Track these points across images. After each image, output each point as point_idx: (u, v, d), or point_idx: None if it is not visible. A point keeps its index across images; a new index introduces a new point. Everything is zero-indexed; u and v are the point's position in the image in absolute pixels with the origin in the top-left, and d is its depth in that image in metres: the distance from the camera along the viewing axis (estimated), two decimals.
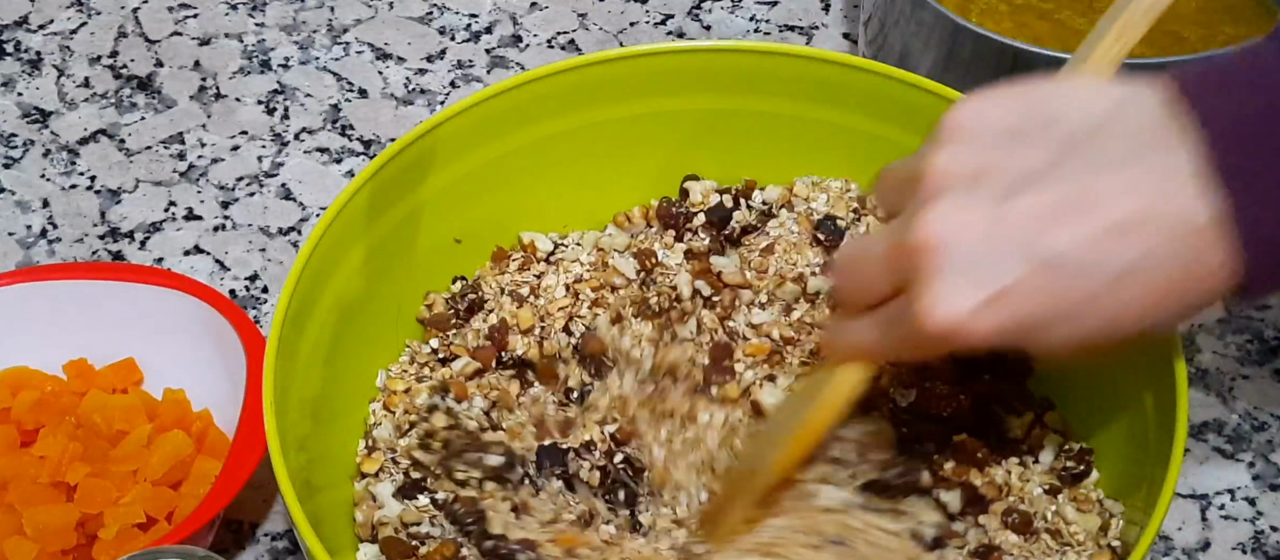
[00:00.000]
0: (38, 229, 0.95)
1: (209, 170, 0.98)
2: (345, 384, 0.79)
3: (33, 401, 0.82)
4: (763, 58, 0.83)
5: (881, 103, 0.80)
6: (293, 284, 0.73)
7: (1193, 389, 0.86)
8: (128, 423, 0.81)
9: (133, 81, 1.03)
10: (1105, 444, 0.76)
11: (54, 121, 1.01)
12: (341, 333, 0.77)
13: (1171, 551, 0.81)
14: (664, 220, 0.84)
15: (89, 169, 0.98)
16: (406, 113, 1.01)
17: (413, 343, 0.82)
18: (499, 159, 0.82)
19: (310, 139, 1.00)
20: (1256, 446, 0.85)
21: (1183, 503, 0.83)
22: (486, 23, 1.07)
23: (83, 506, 0.78)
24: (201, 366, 0.83)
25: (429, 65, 1.04)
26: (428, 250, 0.82)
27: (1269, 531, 0.82)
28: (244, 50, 1.05)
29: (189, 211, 0.96)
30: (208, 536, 0.78)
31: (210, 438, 0.82)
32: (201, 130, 1.01)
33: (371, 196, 0.78)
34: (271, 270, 0.93)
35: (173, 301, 0.83)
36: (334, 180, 0.98)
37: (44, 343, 0.84)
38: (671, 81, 0.83)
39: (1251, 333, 0.89)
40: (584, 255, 0.84)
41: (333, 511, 0.74)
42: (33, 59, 1.05)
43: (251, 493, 0.81)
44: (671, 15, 1.07)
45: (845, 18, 1.06)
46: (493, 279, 0.84)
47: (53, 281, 0.85)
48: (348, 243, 0.77)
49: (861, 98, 0.80)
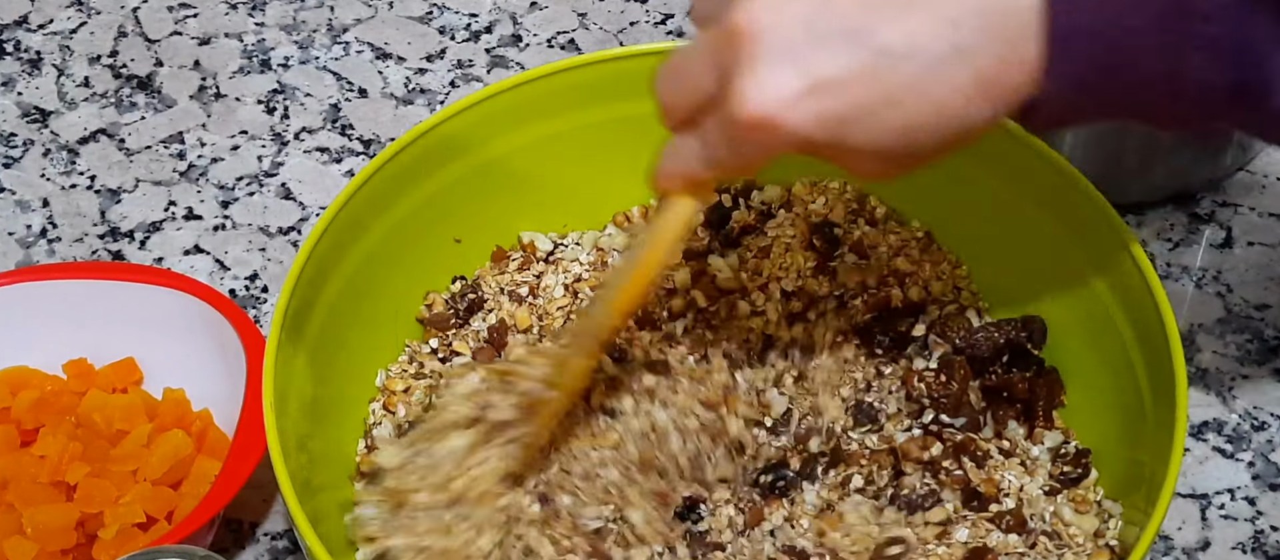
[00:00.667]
0: (38, 229, 0.95)
1: (209, 170, 0.98)
2: (345, 384, 0.79)
3: (33, 401, 0.82)
4: None
5: None
6: (293, 284, 0.73)
7: (1193, 389, 0.86)
8: (128, 422, 0.81)
9: (133, 81, 1.03)
10: (1104, 444, 0.76)
11: (54, 121, 1.01)
12: (341, 332, 0.77)
13: (1171, 551, 0.81)
14: None
15: (89, 169, 0.98)
16: (406, 113, 1.01)
17: (412, 343, 0.82)
18: (499, 159, 0.82)
19: (310, 139, 1.00)
20: (1256, 446, 0.85)
21: (1183, 503, 0.83)
22: (486, 22, 1.07)
23: (83, 506, 0.78)
24: (201, 366, 0.83)
25: (429, 65, 1.04)
26: (428, 250, 0.82)
27: (1269, 531, 0.82)
28: (244, 50, 1.05)
29: (189, 211, 0.96)
30: (208, 536, 0.78)
31: (210, 437, 0.82)
32: (201, 130, 1.01)
33: (371, 196, 0.78)
34: (271, 270, 0.93)
35: (173, 301, 0.83)
36: (334, 180, 0.98)
37: (44, 343, 0.84)
38: None
39: (1251, 333, 0.89)
40: (583, 255, 0.84)
41: (332, 511, 0.74)
42: (33, 59, 1.05)
43: (251, 493, 0.81)
44: (671, 15, 1.07)
45: None
46: (492, 279, 0.84)
47: (53, 281, 0.85)
48: (347, 243, 0.77)
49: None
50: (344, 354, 0.78)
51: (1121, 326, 0.75)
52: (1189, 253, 0.93)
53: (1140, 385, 0.73)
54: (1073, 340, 0.79)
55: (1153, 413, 0.71)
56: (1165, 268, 0.92)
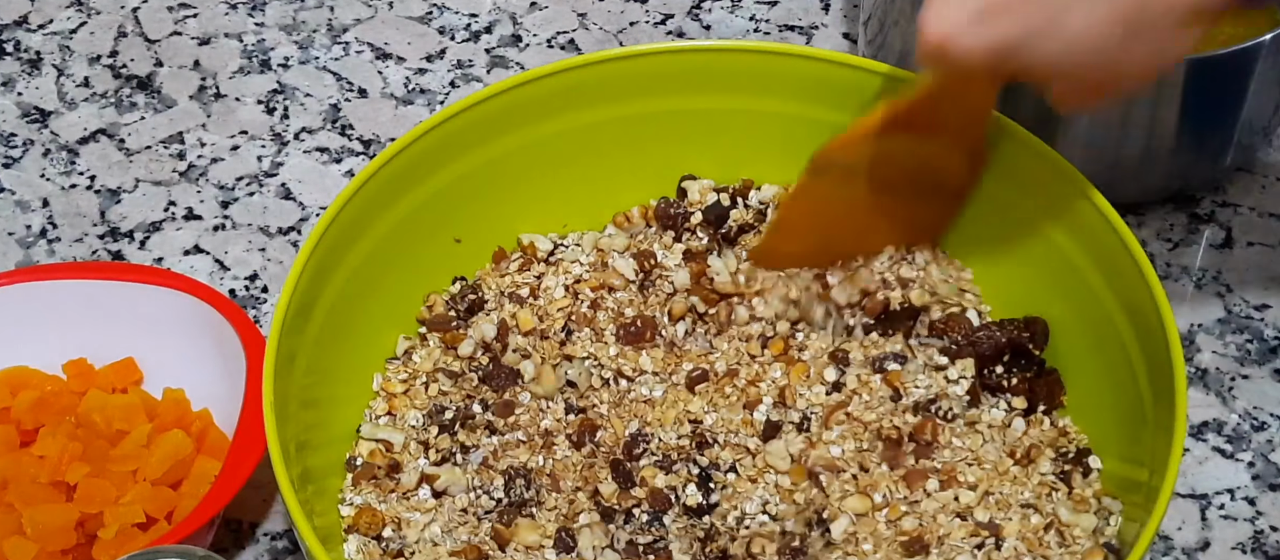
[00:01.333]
0: (38, 229, 0.95)
1: (209, 170, 0.98)
2: (345, 384, 0.79)
3: (33, 401, 0.82)
4: (762, 58, 0.83)
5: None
6: (293, 284, 0.73)
7: (1193, 389, 0.86)
8: (127, 422, 0.81)
9: (133, 81, 1.03)
10: (1104, 444, 0.76)
11: (54, 121, 1.01)
12: (342, 333, 0.77)
13: (1171, 551, 0.81)
14: (662, 220, 0.84)
15: (89, 169, 0.98)
16: (406, 113, 1.01)
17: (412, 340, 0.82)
18: (499, 159, 0.82)
19: (310, 139, 1.00)
20: (1256, 446, 0.85)
21: (1183, 503, 0.83)
22: (486, 23, 1.07)
23: (83, 506, 0.78)
24: (201, 366, 0.83)
25: (429, 65, 1.04)
26: (428, 250, 0.82)
27: (1269, 531, 0.82)
28: (244, 50, 1.05)
29: (189, 211, 0.96)
30: (207, 536, 0.78)
31: (210, 437, 0.82)
32: (201, 130, 1.01)
33: (371, 196, 0.78)
34: (271, 270, 0.93)
35: (173, 301, 0.83)
36: (334, 180, 0.98)
37: (44, 343, 0.84)
38: (671, 81, 0.83)
39: (1251, 333, 0.89)
40: (583, 256, 0.84)
41: (332, 511, 0.74)
42: (33, 59, 1.05)
43: (251, 493, 0.81)
44: (671, 15, 1.07)
45: (845, 18, 1.06)
46: (492, 280, 0.84)
47: (53, 281, 0.85)
48: (347, 243, 0.77)
49: (861, 98, 0.80)
50: (344, 354, 0.78)
51: (1121, 326, 0.75)
52: (1189, 253, 0.93)
53: (1140, 385, 0.73)
54: (1073, 340, 0.79)
55: (1153, 413, 0.71)
56: (1165, 268, 0.92)
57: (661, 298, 0.81)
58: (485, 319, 0.81)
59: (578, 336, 0.80)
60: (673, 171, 0.86)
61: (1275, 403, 0.87)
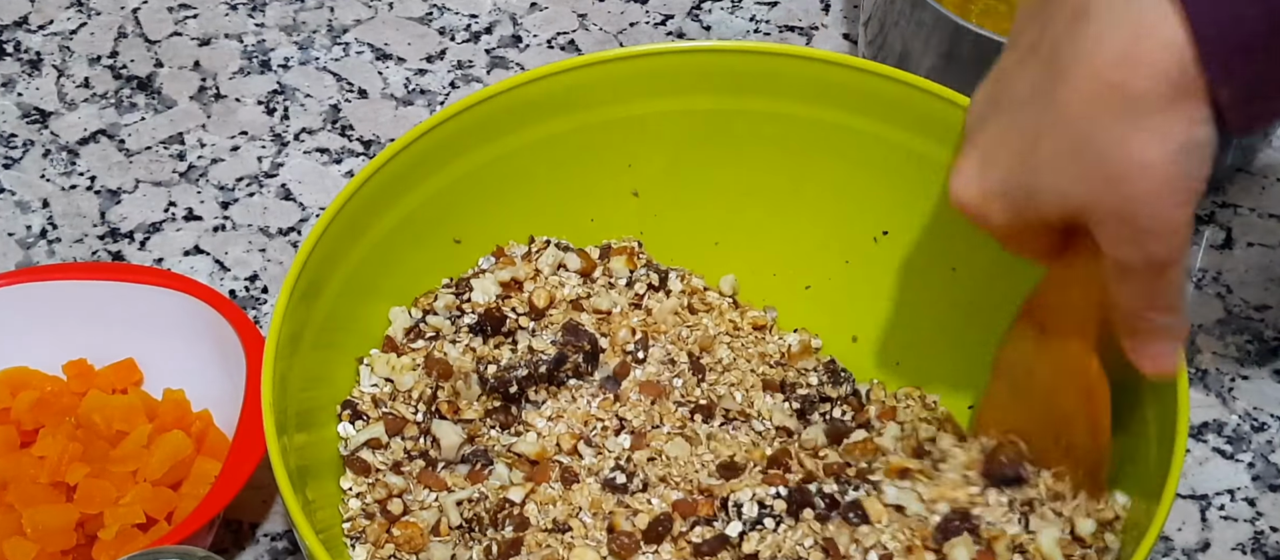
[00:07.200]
0: (38, 229, 0.95)
1: (209, 170, 0.98)
2: (345, 384, 0.79)
3: (33, 401, 0.82)
4: (762, 58, 0.82)
5: (881, 103, 0.80)
6: (292, 284, 0.73)
7: (1193, 389, 0.86)
8: (127, 423, 0.81)
9: (133, 82, 1.04)
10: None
11: (54, 122, 1.01)
12: (342, 333, 0.77)
13: (1171, 552, 0.81)
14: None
15: (89, 169, 0.98)
16: (406, 113, 1.01)
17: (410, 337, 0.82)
18: (498, 159, 0.82)
19: (310, 139, 1.00)
20: (1256, 447, 0.85)
21: (1183, 503, 0.83)
22: (486, 23, 1.07)
23: (83, 506, 0.78)
24: (201, 366, 0.83)
25: (429, 65, 1.04)
26: (428, 251, 0.82)
27: (1269, 532, 0.82)
28: (244, 50, 1.05)
29: (189, 212, 0.96)
30: (207, 536, 0.78)
31: (210, 438, 0.82)
32: (201, 130, 1.01)
33: (371, 197, 0.78)
34: (271, 270, 0.93)
35: (173, 301, 0.83)
36: (334, 180, 0.98)
37: (44, 343, 0.84)
38: (671, 81, 0.83)
39: (1251, 333, 0.89)
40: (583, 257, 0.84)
41: (332, 512, 0.74)
42: (33, 59, 1.05)
43: (251, 493, 0.81)
44: (671, 15, 1.07)
45: (845, 18, 1.07)
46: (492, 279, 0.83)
47: (53, 281, 0.85)
48: (347, 243, 0.77)
49: (861, 98, 0.80)
50: (344, 354, 0.78)
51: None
52: (1189, 253, 0.93)
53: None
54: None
55: (1153, 414, 0.71)
56: None
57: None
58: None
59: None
60: (672, 172, 0.85)
61: (1275, 403, 0.87)
